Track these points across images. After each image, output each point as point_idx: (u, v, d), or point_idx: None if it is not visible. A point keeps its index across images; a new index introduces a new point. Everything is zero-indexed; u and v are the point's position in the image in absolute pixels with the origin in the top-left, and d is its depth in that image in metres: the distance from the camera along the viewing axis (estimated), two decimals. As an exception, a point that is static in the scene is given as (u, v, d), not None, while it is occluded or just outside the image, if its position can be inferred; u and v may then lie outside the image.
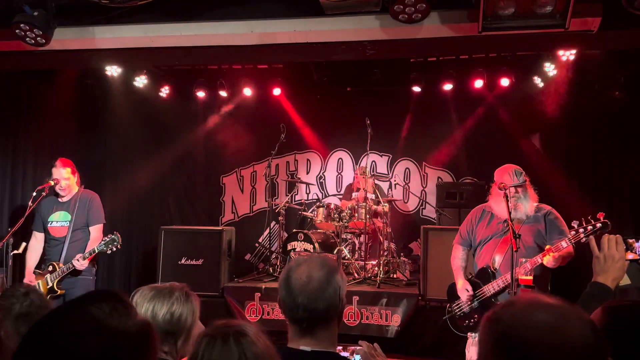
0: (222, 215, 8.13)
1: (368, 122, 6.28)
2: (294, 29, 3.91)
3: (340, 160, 8.00)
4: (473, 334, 3.61)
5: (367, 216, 6.11)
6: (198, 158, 8.05)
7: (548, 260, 3.23)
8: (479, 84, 6.62)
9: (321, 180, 8.04)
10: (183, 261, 6.12)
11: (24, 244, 4.49)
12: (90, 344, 0.94)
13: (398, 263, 6.41)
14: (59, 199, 4.43)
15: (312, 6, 3.71)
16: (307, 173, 8.05)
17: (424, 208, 7.65)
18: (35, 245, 4.45)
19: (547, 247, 3.27)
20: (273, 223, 7.23)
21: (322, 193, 7.98)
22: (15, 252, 4.29)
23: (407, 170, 7.79)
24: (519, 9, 3.37)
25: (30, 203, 4.43)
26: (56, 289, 4.18)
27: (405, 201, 7.75)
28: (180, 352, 1.87)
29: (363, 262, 6.27)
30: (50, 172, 4.46)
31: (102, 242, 4.11)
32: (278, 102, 7.58)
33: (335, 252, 6.23)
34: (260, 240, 7.87)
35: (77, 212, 4.32)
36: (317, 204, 6.67)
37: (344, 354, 1.92)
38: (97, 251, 4.12)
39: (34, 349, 0.95)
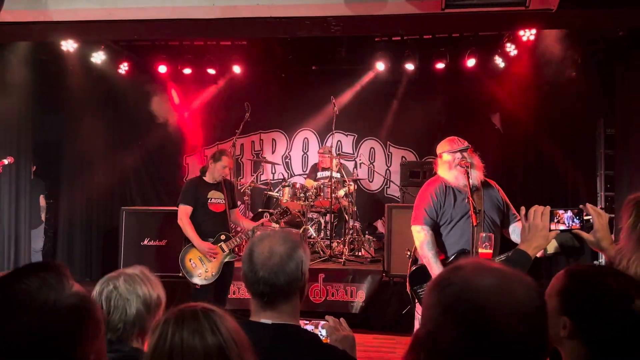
0: (186, 196, 8.01)
1: (333, 101, 6.27)
2: (257, 2, 3.84)
3: (305, 139, 7.97)
4: None
5: (333, 195, 6.14)
6: (160, 137, 7.84)
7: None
8: (441, 63, 6.67)
9: (287, 160, 8.01)
10: (146, 242, 6.03)
11: None
12: (17, 322, 0.89)
13: (363, 241, 6.49)
14: (208, 181, 4.73)
15: (275, -20, 3.65)
16: (273, 153, 8.00)
17: (389, 187, 7.74)
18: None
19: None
20: (239, 203, 7.16)
21: (287, 173, 7.95)
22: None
23: (372, 149, 7.84)
24: (482, -13, 3.41)
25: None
26: (235, 254, 4.78)
27: (370, 180, 7.82)
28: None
29: (329, 241, 6.32)
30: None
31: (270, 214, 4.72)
32: (242, 81, 7.44)
33: (301, 231, 6.25)
34: (225, 220, 7.80)
35: (227, 194, 4.80)
36: (283, 183, 6.65)
37: (309, 327, 1.94)
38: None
39: None
